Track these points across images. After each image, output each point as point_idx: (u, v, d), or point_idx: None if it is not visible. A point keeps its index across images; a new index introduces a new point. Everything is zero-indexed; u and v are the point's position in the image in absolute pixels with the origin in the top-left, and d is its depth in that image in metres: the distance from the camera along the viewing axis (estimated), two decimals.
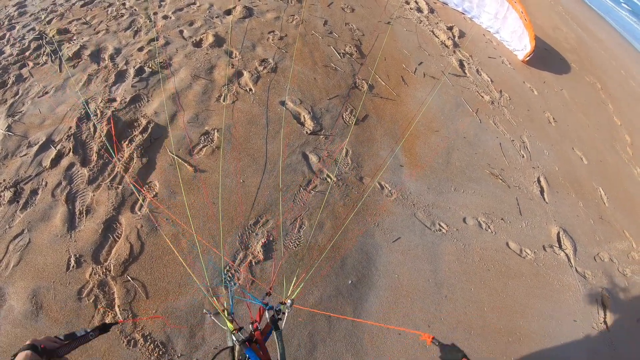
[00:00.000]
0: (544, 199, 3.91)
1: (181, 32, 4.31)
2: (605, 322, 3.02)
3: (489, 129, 4.50)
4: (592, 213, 4.07)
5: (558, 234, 3.60)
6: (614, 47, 14.11)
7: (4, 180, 2.62)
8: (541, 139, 4.83)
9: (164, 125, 3.03)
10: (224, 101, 3.34)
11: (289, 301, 1.41)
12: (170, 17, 4.57)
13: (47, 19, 4.51)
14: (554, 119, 5.42)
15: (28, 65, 3.74)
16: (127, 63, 3.73)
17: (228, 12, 4.87)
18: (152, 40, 4.10)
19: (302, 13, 5.27)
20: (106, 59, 3.80)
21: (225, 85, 3.53)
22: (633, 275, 3.58)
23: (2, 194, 2.55)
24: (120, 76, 3.57)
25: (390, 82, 4.46)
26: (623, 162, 5.47)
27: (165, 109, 3.18)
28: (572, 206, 4.02)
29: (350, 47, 4.81)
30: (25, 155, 2.80)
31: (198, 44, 4.13)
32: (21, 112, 3.17)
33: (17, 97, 3.35)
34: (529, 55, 6.46)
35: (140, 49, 3.93)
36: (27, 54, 3.90)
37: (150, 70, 3.62)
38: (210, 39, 4.23)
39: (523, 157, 4.34)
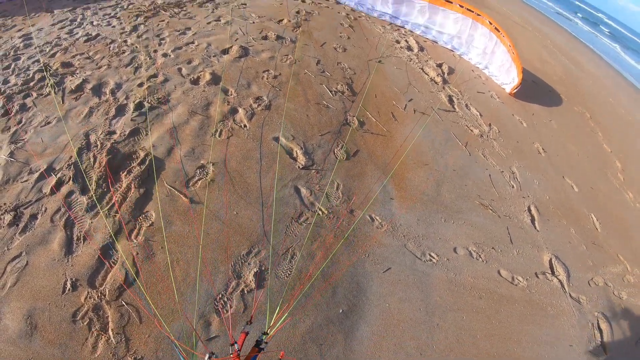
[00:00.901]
0: (535, 227, 4.37)
1: (180, 69, 4.89)
2: (602, 346, 3.34)
3: (479, 161, 5.08)
4: (584, 239, 4.54)
5: (550, 260, 4.01)
6: (602, 76, 15.66)
7: (5, 204, 2.98)
8: (531, 169, 5.42)
9: (161, 158, 3.45)
10: (219, 136, 3.81)
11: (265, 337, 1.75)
12: (170, 55, 5.18)
13: (52, 52, 5.10)
14: (543, 149, 6.08)
15: (32, 95, 4.25)
16: (127, 98, 4.23)
17: (225, 52, 5.51)
18: (152, 76, 4.66)
19: (295, 53, 5.92)
20: (107, 93, 4.32)
21: (221, 121, 4.01)
22: (629, 298, 3.96)
23: (2, 217, 2.91)
24: (121, 110, 4.06)
25: (380, 118, 5.07)
26: (614, 188, 6.09)
27: (163, 143, 3.61)
28: (563, 233, 4.49)
29: (342, 85, 5.45)
30: (26, 181, 3.18)
31: (196, 82, 4.68)
32: (24, 139, 3.62)
33: (21, 125, 3.82)
34: (516, 88, 7.27)
35: (140, 85, 4.48)
36: (31, 84, 4.44)
37: (150, 105, 4.10)
38: (208, 76, 4.79)
39: (513, 187, 4.87)
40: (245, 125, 4.09)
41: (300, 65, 5.61)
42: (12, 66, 4.84)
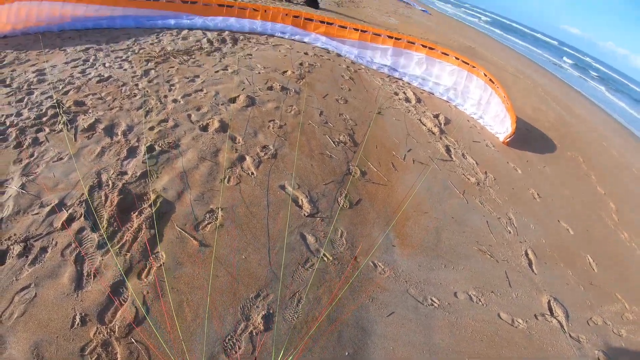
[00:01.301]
0: (533, 271, 4.77)
1: (189, 116, 5.37)
2: None
3: (476, 208, 5.56)
4: (581, 280, 4.95)
5: (549, 302, 4.35)
6: (592, 120, 17.35)
7: (15, 235, 3.24)
8: (527, 214, 5.93)
9: (171, 201, 3.79)
10: (228, 182, 4.19)
11: None
12: (180, 101, 5.69)
13: (65, 89, 5.56)
14: (538, 195, 6.68)
15: (44, 130, 4.64)
16: (138, 140, 4.65)
17: (232, 100, 6.07)
18: (163, 121, 5.11)
19: (300, 104, 6.52)
20: (119, 134, 4.73)
21: (229, 168, 4.42)
22: (629, 335, 4.29)
23: (12, 247, 3.15)
24: (132, 151, 4.44)
25: (381, 168, 5.60)
26: (609, 229, 6.67)
27: (173, 186, 3.96)
28: (561, 275, 4.90)
29: (344, 136, 6.01)
30: (37, 214, 3.46)
31: (204, 128, 5.15)
32: (35, 173, 3.95)
33: (33, 158, 4.17)
34: (509, 137, 8.02)
35: (151, 129, 4.92)
36: (44, 119, 4.86)
37: (160, 149, 4.50)
38: (216, 124, 5.27)
39: (510, 232, 5.34)
40: (252, 173, 4.49)
41: (304, 116, 6.20)
42: (26, 100, 5.28)
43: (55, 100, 5.26)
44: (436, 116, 8.16)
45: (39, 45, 7.28)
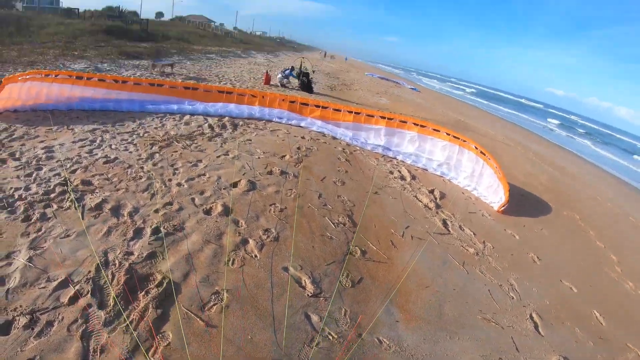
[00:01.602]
0: (539, 333, 4.95)
1: (193, 199, 5.84)
2: None
3: (477, 278, 5.87)
4: (590, 335, 5.14)
5: None
6: (586, 176, 18.45)
7: (21, 306, 3.45)
8: (528, 278, 6.24)
9: (177, 282, 4.07)
10: (232, 265, 4.52)
11: None
12: (184, 185, 6.19)
13: (72, 168, 6.05)
14: (538, 258, 7.05)
15: (52, 206, 5.03)
16: (144, 222, 5.03)
17: (234, 185, 6.61)
18: (167, 204, 5.55)
19: (299, 187, 7.07)
20: (125, 215, 5.12)
21: (233, 251, 4.77)
22: None
23: (17, 318, 3.34)
24: (138, 233, 4.80)
25: (381, 246, 5.99)
26: (614, 281, 6.99)
27: (179, 268, 4.27)
28: (568, 334, 5.09)
29: (342, 217, 6.52)
30: (44, 288, 3.70)
31: (208, 212, 5.58)
32: (43, 247, 4.26)
33: (40, 233, 4.50)
34: (503, 206, 8.60)
35: (156, 211, 5.34)
36: (51, 195, 5.29)
37: (166, 231, 4.87)
38: (219, 208, 5.73)
39: (512, 298, 5.59)
40: (256, 256, 4.84)
41: (304, 199, 6.72)
42: (34, 175, 5.77)
43: (63, 178, 5.72)
44: (431, 191, 8.86)
45: (48, 123, 7.98)
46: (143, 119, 9.40)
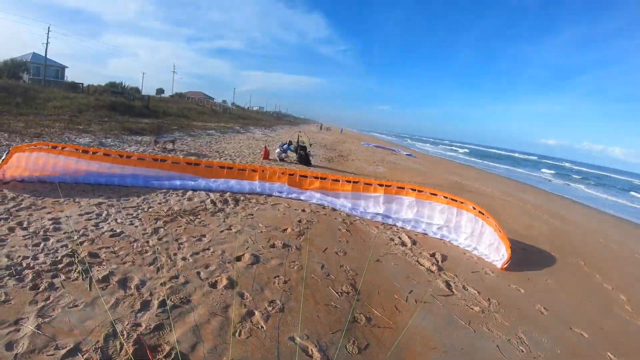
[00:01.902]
0: None
1: (198, 273, 6.15)
2: None
3: (484, 335, 5.94)
4: None
5: None
6: (587, 221, 18.46)
7: None
8: (537, 330, 6.32)
9: (185, 353, 4.28)
10: (239, 336, 4.73)
11: None
12: (189, 259, 6.53)
13: (79, 240, 6.41)
14: (545, 308, 7.15)
15: (60, 276, 5.36)
16: (151, 294, 5.31)
17: (238, 259, 6.93)
18: (173, 277, 5.85)
19: (302, 259, 7.37)
20: (132, 287, 5.41)
21: (240, 323, 4.99)
22: None
23: None
24: (145, 305, 5.06)
25: (385, 312, 6.16)
26: (625, 321, 7.13)
27: (187, 340, 4.49)
28: None
29: (346, 286, 6.76)
30: (52, 355, 3.92)
31: (214, 285, 5.86)
32: (51, 316, 4.51)
33: (48, 301, 4.78)
34: (506, 263, 8.83)
35: (163, 284, 5.61)
36: (59, 266, 5.63)
37: (172, 303, 5.14)
38: (224, 281, 6.01)
39: (522, 351, 5.66)
40: (262, 327, 5.06)
41: (307, 270, 6.99)
42: (42, 245, 6.15)
43: (70, 250, 6.08)
44: (432, 255, 9.14)
45: (54, 194, 8.51)
46: (147, 194, 9.94)
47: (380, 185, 12.17)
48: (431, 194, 11.47)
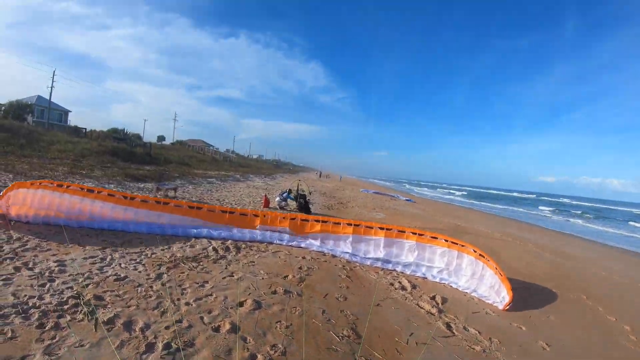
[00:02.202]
0: None
1: (202, 318, 6.29)
2: None
3: None
4: None
5: None
6: (588, 255, 18.43)
7: None
8: None
9: None
10: None
11: None
12: (192, 304, 6.69)
13: (84, 282, 6.60)
14: (547, 344, 7.17)
15: (66, 317, 5.55)
16: (155, 337, 5.45)
17: (240, 304, 7.04)
18: (177, 321, 5.99)
19: (303, 305, 7.48)
20: (137, 330, 5.57)
21: None
22: None
23: None
24: (150, 347, 5.21)
25: (387, 355, 6.21)
26: (630, 350, 7.16)
27: None
28: None
29: (347, 330, 6.85)
30: None
31: (217, 329, 5.99)
32: (57, 354, 4.67)
33: (54, 340, 4.95)
34: (508, 305, 8.87)
35: (167, 327, 5.75)
36: (65, 307, 5.82)
37: (177, 346, 5.27)
38: (227, 326, 6.15)
39: None
40: None
41: (308, 315, 7.11)
42: (47, 285, 6.37)
43: (76, 292, 6.25)
44: (433, 298, 9.21)
45: (59, 238, 8.78)
46: (150, 241, 10.17)
47: (381, 228, 12.34)
48: (432, 237, 11.66)
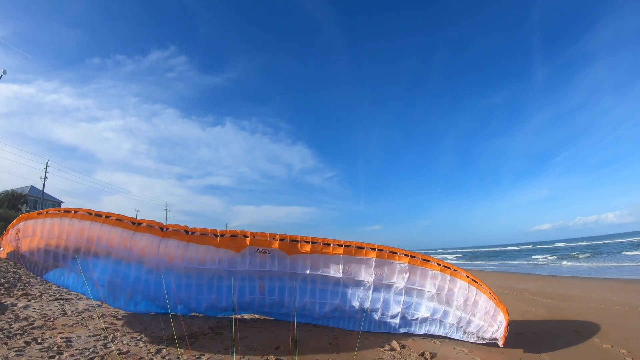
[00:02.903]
0: None
1: None
2: None
3: None
4: None
5: None
6: (587, 293, 18.59)
7: None
8: None
9: None
10: None
11: None
12: None
13: (90, 356, 7.28)
14: None
15: None
16: None
17: None
18: None
19: None
20: None
21: None
22: None
23: None
24: None
25: None
26: None
27: None
28: None
29: None
30: None
31: None
32: None
33: None
34: (507, 330, 9.20)
35: None
36: None
37: None
38: None
39: None
40: None
41: None
42: (57, 358, 7.04)
43: None
44: (421, 354, 9.61)
45: (63, 316, 9.45)
46: (148, 321, 10.85)
47: (373, 249, 12.04)
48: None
